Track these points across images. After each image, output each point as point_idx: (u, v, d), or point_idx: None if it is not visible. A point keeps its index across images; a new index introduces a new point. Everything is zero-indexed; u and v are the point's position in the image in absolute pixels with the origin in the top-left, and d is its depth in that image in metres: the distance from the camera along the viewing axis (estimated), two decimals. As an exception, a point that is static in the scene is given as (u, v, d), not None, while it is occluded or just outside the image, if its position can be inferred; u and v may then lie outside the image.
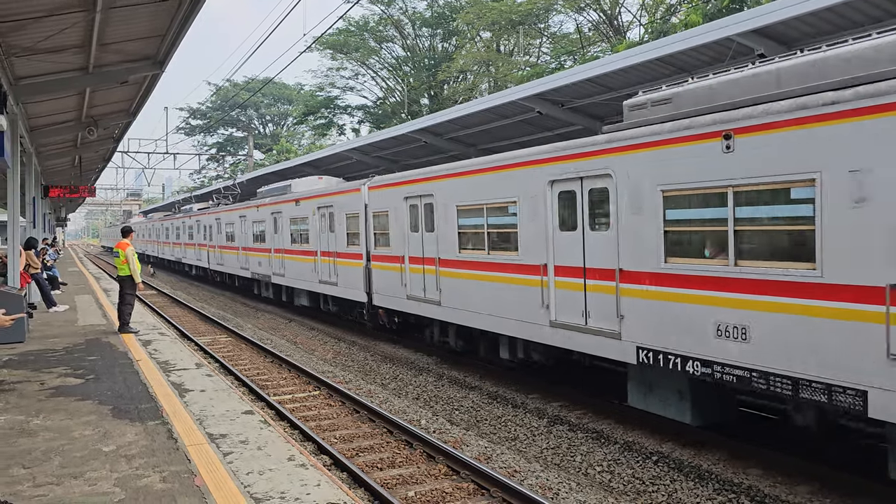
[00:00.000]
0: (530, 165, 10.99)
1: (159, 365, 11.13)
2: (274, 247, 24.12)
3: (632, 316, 9.10)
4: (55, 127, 18.33)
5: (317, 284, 20.35)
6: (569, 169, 10.11)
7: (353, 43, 52.05)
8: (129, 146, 48.80)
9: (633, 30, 37.26)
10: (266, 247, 25.03)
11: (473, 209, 12.63)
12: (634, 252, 9.02)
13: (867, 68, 6.82)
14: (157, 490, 5.75)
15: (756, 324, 7.52)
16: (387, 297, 16.11)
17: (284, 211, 22.87)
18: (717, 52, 11.74)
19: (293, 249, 22.24)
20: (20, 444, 7.02)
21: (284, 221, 22.90)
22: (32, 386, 9.57)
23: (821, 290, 6.91)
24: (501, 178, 11.77)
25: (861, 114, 6.53)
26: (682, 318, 8.37)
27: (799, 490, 7.81)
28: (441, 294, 13.72)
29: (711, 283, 8.01)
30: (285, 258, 23.01)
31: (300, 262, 21.68)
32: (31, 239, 18.56)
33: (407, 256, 15.02)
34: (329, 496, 5.72)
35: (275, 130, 78.53)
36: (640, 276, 8.94)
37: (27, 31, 10.12)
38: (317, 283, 20.32)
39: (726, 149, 7.73)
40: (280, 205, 23.36)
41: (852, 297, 6.64)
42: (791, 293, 7.19)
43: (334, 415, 11.27)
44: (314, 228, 20.37)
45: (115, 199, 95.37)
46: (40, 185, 26.25)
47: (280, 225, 23.38)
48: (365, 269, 17.05)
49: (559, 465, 9.03)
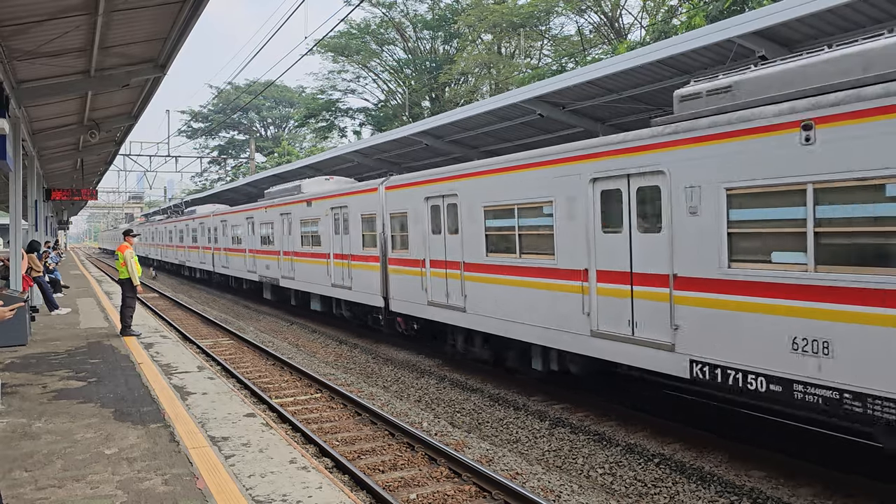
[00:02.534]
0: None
1: (161, 368, 11.14)
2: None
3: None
4: (57, 130, 18.36)
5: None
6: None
7: (354, 45, 52.09)
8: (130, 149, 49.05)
9: (634, 32, 37.29)
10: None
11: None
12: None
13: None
14: (159, 493, 5.75)
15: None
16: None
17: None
18: (718, 54, 11.74)
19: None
20: (22, 446, 7.03)
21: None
22: (34, 389, 9.57)
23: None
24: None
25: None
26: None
27: (802, 492, 7.79)
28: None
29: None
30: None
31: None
32: (33, 242, 18.59)
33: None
34: (331, 499, 5.72)
35: (276, 133, 78.61)
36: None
37: (29, 34, 10.14)
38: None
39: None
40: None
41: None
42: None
43: (336, 417, 11.27)
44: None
45: (117, 202, 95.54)
46: (42, 189, 26.27)
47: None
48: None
49: (561, 468, 9.02)
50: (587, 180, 9.94)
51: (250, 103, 67.87)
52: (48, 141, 19.40)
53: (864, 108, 6.52)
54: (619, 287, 9.47)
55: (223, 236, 31.95)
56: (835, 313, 6.81)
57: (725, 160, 7.84)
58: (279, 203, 23.84)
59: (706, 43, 11.24)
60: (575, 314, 10.26)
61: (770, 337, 7.42)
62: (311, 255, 20.98)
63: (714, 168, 7.98)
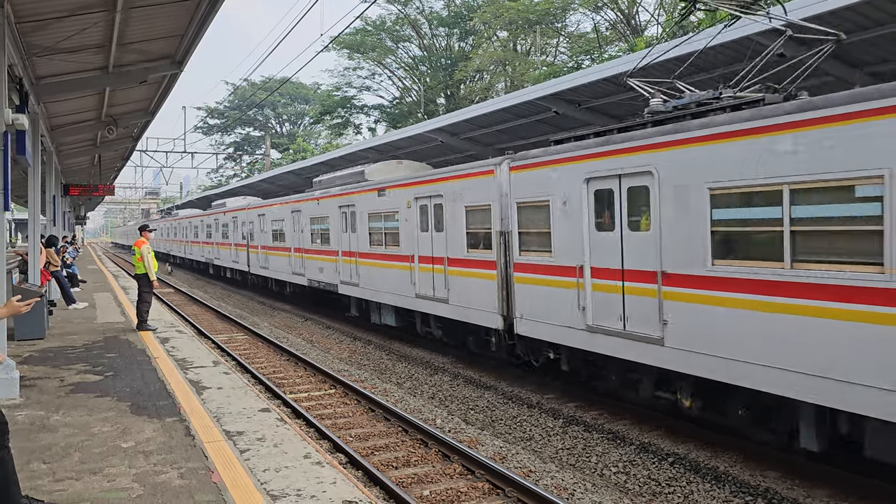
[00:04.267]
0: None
1: (177, 362, 11.21)
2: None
3: None
4: (75, 126, 18.54)
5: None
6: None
7: (369, 42, 52.19)
8: (147, 145, 49.22)
9: (650, 28, 37.09)
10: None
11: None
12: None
13: None
14: (175, 486, 5.79)
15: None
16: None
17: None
18: (736, 52, 11.66)
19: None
20: (41, 439, 7.11)
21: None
22: (52, 382, 9.67)
23: None
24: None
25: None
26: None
27: (817, 493, 7.74)
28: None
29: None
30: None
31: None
32: (51, 237, 18.77)
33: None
34: (345, 494, 5.74)
35: (291, 130, 78.90)
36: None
37: (48, 30, 10.25)
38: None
39: None
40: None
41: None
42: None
43: (350, 413, 11.30)
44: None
45: (134, 198, 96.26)
46: (60, 184, 26.55)
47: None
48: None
49: (574, 466, 9.00)
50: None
51: (266, 100, 68.17)
52: (66, 136, 19.60)
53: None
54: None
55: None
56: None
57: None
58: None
59: (723, 40, 11.17)
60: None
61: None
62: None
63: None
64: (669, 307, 8.88)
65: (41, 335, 13.19)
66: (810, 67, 8.68)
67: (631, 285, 9.55)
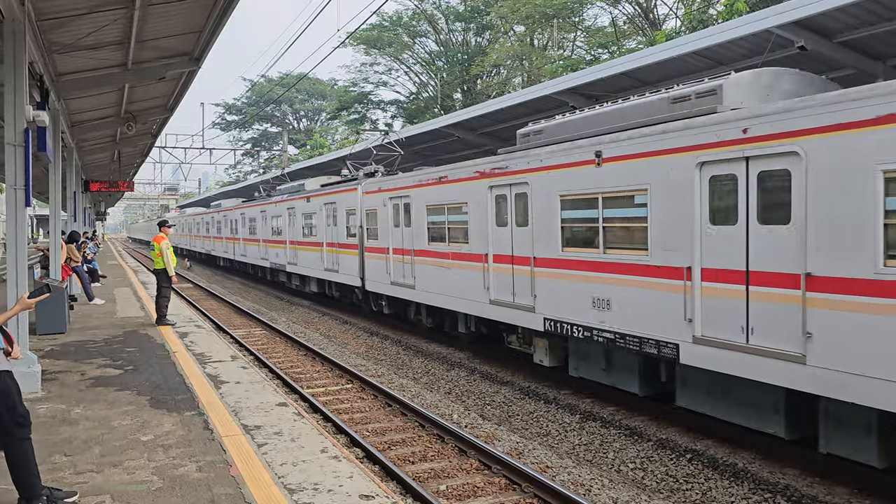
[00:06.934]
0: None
1: (195, 357, 11.30)
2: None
3: None
4: (95, 122, 18.71)
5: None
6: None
7: (386, 38, 52.20)
8: (166, 141, 49.41)
9: (668, 22, 36.78)
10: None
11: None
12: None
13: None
14: (194, 479, 5.84)
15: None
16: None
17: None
18: (755, 45, 11.53)
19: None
20: (62, 432, 7.19)
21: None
22: (73, 376, 9.79)
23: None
24: None
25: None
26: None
27: (838, 491, 7.66)
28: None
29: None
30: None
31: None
32: (73, 232, 18.98)
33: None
34: (362, 488, 5.76)
35: (309, 126, 79.17)
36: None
37: (68, 28, 10.34)
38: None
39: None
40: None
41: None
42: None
43: (367, 408, 11.34)
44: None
45: (153, 194, 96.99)
46: (81, 180, 26.81)
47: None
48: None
49: (591, 462, 8.98)
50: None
51: (283, 96, 68.39)
52: (86, 133, 19.78)
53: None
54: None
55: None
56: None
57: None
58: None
59: (743, 33, 11.07)
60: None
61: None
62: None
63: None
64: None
65: (62, 329, 13.35)
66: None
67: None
